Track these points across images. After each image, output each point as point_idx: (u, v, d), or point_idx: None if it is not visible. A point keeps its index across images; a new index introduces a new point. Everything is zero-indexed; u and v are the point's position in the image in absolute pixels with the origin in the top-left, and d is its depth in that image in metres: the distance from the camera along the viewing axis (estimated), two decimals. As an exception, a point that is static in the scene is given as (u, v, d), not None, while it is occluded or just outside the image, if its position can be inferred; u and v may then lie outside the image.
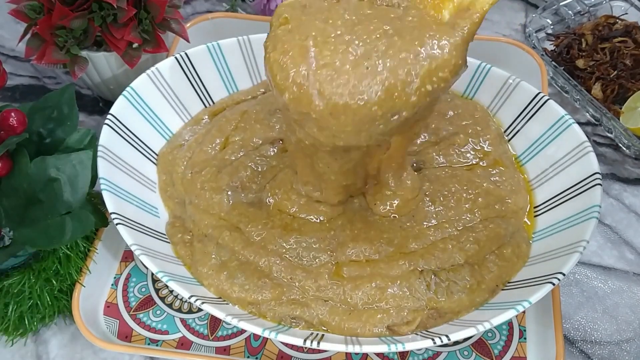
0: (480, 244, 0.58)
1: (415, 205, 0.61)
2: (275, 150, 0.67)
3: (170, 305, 0.61)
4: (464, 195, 0.62)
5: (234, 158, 0.66)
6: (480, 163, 0.66)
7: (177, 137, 0.69)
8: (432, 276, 0.56)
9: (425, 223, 0.60)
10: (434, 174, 0.64)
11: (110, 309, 0.61)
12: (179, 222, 0.63)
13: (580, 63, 0.81)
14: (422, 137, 0.68)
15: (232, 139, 0.68)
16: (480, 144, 0.67)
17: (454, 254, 0.57)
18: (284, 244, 0.58)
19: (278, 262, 0.57)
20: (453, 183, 0.63)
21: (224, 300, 0.57)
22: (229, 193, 0.63)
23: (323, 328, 0.55)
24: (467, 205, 0.61)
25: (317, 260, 0.57)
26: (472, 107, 0.70)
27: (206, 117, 0.71)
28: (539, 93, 0.65)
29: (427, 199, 0.62)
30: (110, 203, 0.57)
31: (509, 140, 0.68)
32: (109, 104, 0.67)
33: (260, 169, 0.65)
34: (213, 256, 0.59)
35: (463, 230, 0.59)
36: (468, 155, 0.66)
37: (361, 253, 0.58)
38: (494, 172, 0.65)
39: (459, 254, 0.57)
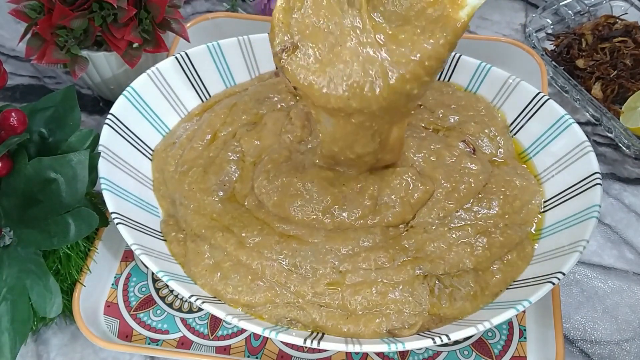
0: (492, 250, 0.57)
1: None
2: (248, 129, 0.66)
3: (170, 305, 0.61)
4: (501, 197, 0.61)
5: (215, 154, 0.65)
6: (498, 154, 0.66)
7: (171, 134, 0.69)
8: (436, 282, 0.56)
9: (452, 225, 0.59)
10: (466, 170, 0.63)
11: (111, 308, 0.61)
12: (172, 220, 0.63)
13: (580, 63, 0.81)
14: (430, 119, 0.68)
15: (219, 133, 0.68)
16: (492, 134, 0.67)
17: (465, 259, 0.56)
18: (281, 252, 0.57)
19: (272, 265, 0.56)
20: (491, 183, 0.62)
21: (222, 300, 0.57)
22: (220, 194, 0.62)
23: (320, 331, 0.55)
24: (497, 210, 0.60)
25: (317, 273, 0.56)
26: (475, 100, 0.70)
27: (199, 112, 0.71)
28: (539, 93, 0.65)
29: (467, 197, 0.61)
30: (111, 203, 0.57)
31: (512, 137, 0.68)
32: (109, 103, 0.67)
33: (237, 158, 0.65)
34: (206, 256, 0.58)
35: (479, 235, 0.58)
36: (485, 148, 0.66)
37: (373, 262, 0.56)
38: (514, 166, 0.65)
39: (469, 260, 0.56)
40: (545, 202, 0.63)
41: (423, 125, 0.68)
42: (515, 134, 0.68)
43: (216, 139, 0.67)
